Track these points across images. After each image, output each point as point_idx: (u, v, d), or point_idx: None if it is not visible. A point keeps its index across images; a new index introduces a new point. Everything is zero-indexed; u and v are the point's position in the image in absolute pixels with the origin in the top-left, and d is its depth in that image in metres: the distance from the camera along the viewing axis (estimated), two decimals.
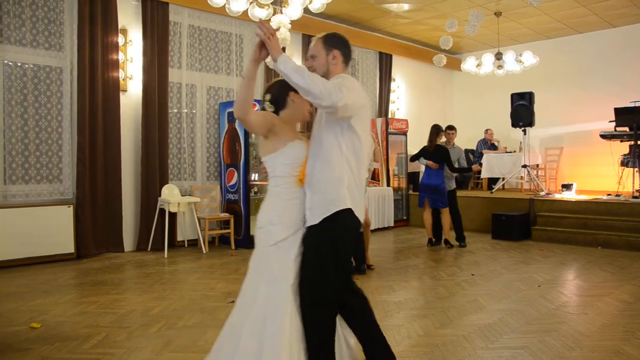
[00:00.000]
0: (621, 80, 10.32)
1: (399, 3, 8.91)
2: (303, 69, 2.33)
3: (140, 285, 5.35)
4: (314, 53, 2.69)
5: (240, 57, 8.50)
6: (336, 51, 2.68)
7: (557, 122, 11.17)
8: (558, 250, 7.33)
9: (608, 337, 3.76)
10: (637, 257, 6.77)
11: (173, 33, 7.63)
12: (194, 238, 7.58)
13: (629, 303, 4.66)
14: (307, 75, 2.30)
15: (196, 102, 7.98)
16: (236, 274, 5.85)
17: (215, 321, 4.12)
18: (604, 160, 9.58)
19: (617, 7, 9.26)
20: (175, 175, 7.74)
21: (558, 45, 11.25)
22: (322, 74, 2.60)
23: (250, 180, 7.69)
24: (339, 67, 2.68)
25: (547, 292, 5.06)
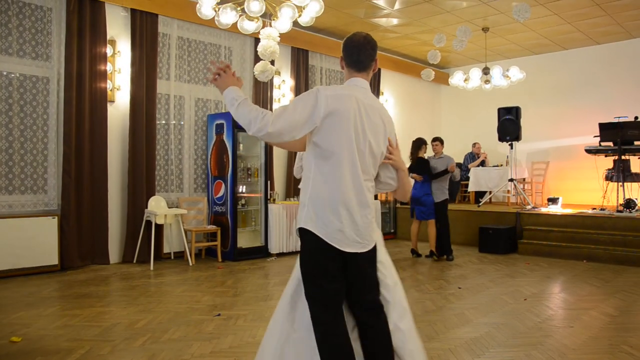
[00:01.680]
0: (605, 96, 10.47)
1: (388, 17, 8.99)
2: (237, 100, 2.34)
3: (126, 297, 5.29)
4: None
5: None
6: (342, 58, 2.63)
7: (543, 137, 11.29)
8: (544, 264, 7.37)
9: (593, 350, 3.77)
10: (622, 271, 6.82)
11: (162, 44, 7.62)
12: (181, 250, 7.52)
13: (613, 316, 4.69)
14: (236, 106, 2.33)
15: (184, 113, 7.97)
16: (222, 287, 5.81)
17: (200, 334, 4.08)
18: (589, 174, 9.69)
19: (601, 25, 9.42)
20: (162, 187, 7.70)
21: (544, 61, 11.40)
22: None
23: (238, 192, 7.67)
24: (346, 72, 2.61)
25: (534, 305, 5.07)
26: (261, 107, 8.99)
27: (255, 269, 6.93)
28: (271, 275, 6.58)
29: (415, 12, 8.66)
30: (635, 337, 4.07)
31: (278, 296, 5.36)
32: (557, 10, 8.57)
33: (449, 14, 8.76)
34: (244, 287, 5.83)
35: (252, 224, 8.05)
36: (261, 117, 2.25)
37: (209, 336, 4.05)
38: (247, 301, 5.19)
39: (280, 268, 7.02)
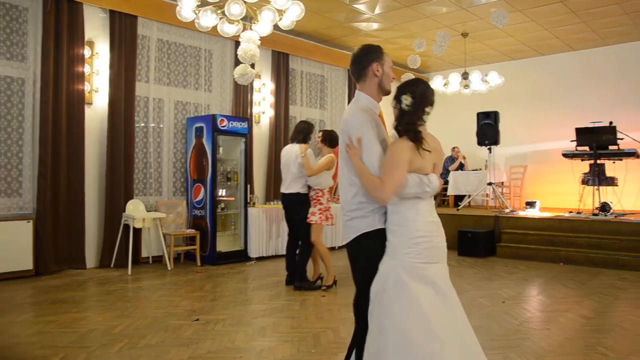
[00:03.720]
0: (582, 101, 10.64)
1: (368, 22, 9.04)
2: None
3: (102, 303, 5.21)
4: None
5: (209, 72, 8.47)
6: None
7: (522, 141, 11.43)
8: (522, 267, 7.45)
9: (569, 352, 3.82)
10: (597, 273, 6.93)
11: (141, 46, 7.55)
12: (159, 254, 7.43)
13: (589, 318, 4.75)
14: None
15: (163, 116, 7.90)
16: (201, 292, 5.76)
17: (178, 340, 4.04)
18: (566, 178, 9.83)
19: (577, 32, 9.59)
20: (140, 191, 7.62)
21: (522, 66, 11.56)
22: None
23: (217, 196, 7.62)
24: None
25: (511, 308, 5.12)
26: (240, 110, 8.92)
27: (234, 273, 6.88)
28: (250, 280, 6.54)
29: (395, 17, 8.71)
30: (609, 338, 4.14)
31: (258, 300, 5.37)
32: (535, 17, 8.70)
33: (429, 19, 8.83)
34: (222, 292, 5.79)
35: (231, 228, 8.00)
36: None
37: (187, 341, 4.01)
38: (226, 306, 5.15)
39: (260, 272, 6.99)
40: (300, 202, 5.93)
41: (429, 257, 2.50)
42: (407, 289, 2.45)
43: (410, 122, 2.54)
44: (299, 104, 10.00)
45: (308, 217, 5.82)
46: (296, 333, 4.27)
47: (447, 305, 2.49)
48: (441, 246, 2.58)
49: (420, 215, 2.52)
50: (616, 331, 4.36)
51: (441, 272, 2.55)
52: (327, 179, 5.93)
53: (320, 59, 10.30)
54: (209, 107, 8.42)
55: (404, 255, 2.49)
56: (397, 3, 8.04)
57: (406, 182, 2.48)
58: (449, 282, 2.57)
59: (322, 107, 10.56)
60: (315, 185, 5.88)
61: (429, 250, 2.49)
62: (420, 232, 2.49)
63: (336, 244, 9.09)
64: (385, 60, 2.77)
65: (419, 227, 2.50)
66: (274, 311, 4.99)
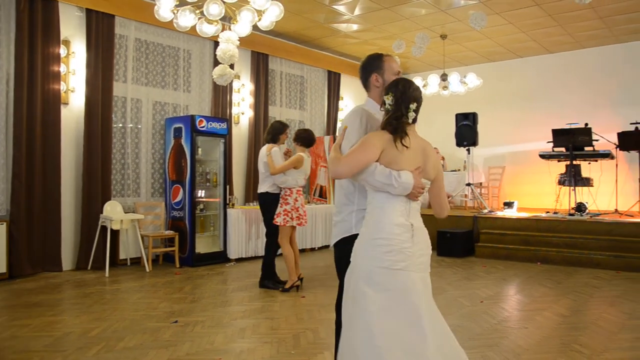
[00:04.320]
0: (558, 103, 10.80)
1: (348, 23, 9.06)
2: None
3: (79, 306, 5.13)
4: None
5: (187, 73, 8.40)
6: None
7: (500, 142, 11.55)
8: (500, 266, 7.53)
9: (546, 349, 3.87)
10: (573, 272, 7.04)
11: (119, 46, 7.46)
12: (137, 256, 7.34)
13: (565, 316, 4.83)
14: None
15: (142, 117, 7.81)
16: (180, 293, 5.71)
17: (157, 342, 3.99)
18: (543, 179, 9.98)
19: (553, 35, 9.73)
20: (118, 192, 7.52)
21: (500, 68, 11.68)
22: None
23: (196, 197, 7.57)
24: None
25: (490, 307, 5.17)
26: (220, 111, 8.88)
27: (213, 275, 6.84)
28: (230, 281, 6.50)
29: (375, 18, 8.75)
30: (585, 336, 4.21)
31: (237, 302, 5.34)
32: (512, 19, 8.81)
33: (408, 21, 8.89)
34: (202, 293, 5.74)
35: (210, 229, 7.95)
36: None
37: (166, 344, 3.97)
38: (205, 307, 5.11)
39: (239, 273, 6.95)
40: (268, 202, 5.94)
41: (391, 263, 2.33)
42: (360, 295, 2.34)
43: (393, 117, 2.49)
44: (278, 104, 9.98)
45: (274, 217, 5.82)
46: (276, 334, 4.26)
47: (410, 316, 2.30)
48: (410, 252, 2.36)
49: (387, 216, 2.38)
50: (591, 329, 4.43)
51: (409, 282, 2.34)
52: (296, 178, 5.84)
53: (300, 59, 10.29)
54: (187, 108, 8.36)
55: (363, 258, 2.39)
56: (376, 4, 8.07)
57: (374, 169, 2.39)
58: (421, 294, 2.35)
59: (302, 108, 10.55)
60: (281, 184, 5.86)
61: (390, 255, 2.33)
62: (383, 234, 2.35)
63: (315, 245, 9.09)
64: (385, 69, 2.82)
65: (381, 227, 2.36)
66: (254, 312, 4.96)
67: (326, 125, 10.96)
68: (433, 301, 2.47)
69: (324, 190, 9.91)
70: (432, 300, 2.45)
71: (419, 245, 2.42)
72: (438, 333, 2.35)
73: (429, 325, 2.30)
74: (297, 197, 5.87)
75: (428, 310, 2.35)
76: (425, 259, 2.45)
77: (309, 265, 7.56)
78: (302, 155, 5.86)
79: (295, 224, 5.82)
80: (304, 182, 5.95)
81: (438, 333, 2.35)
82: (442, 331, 2.39)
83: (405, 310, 2.30)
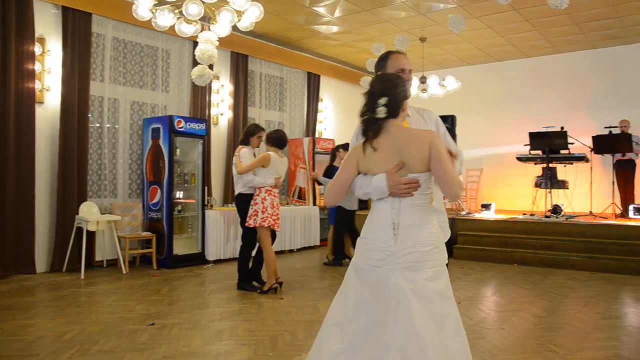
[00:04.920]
0: (535, 106, 10.96)
1: (328, 25, 9.07)
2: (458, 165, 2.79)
3: (53, 309, 5.04)
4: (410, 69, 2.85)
5: (166, 73, 8.32)
6: None
7: (478, 145, 11.66)
8: (478, 268, 7.60)
9: (521, 350, 3.91)
10: (549, 273, 7.13)
11: (96, 45, 7.35)
12: (114, 258, 7.24)
13: (541, 317, 4.89)
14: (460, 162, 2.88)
15: (119, 117, 7.71)
16: (157, 295, 5.65)
17: (132, 345, 3.94)
18: (520, 181, 10.10)
19: (531, 40, 9.87)
20: (94, 193, 7.41)
21: (478, 71, 11.81)
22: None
23: (174, 198, 7.49)
24: None
25: (467, 308, 5.21)
26: (198, 112, 8.80)
27: (191, 277, 6.78)
28: (208, 283, 6.45)
29: (354, 20, 8.77)
30: (559, 336, 4.26)
31: (214, 304, 5.30)
32: (491, 23, 8.92)
33: (388, 24, 8.93)
34: (179, 295, 5.68)
35: (188, 231, 7.88)
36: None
37: (142, 346, 3.92)
38: (183, 309, 5.06)
39: (217, 275, 6.90)
40: (242, 203, 5.93)
41: (368, 260, 2.36)
42: (348, 283, 2.43)
43: (360, 117, 2.43)
44: (257, 105, 9.94)
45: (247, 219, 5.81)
46: (253, 336, 4.23)
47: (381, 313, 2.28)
48: (390, 251, 2.30)
49: (375, 216, 2.40)
50: (566, 329, 4.50)
51: (389, 279, 2.29)
52: (264, 177, 5.73)
53: (280, 61, 10.27)
54: (166, 108, 8.28)
55: (355, 255, 2.46)
56: (356, 7, 8.10)
57: (354, 184, 2.42)
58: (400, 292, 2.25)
59: (281, 109, 10.53)
60: (248, 183, 5.82)
61: (368, 252, 2.36)
62: (368, 234, 2.40)
63: (294, 246, 9.08)
64: (388, 67, 2.80)
65: (368, 228, 2.42)
66: (231, 314, 4.93)
67: (305, 127, 10.96)
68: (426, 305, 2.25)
69: (302, 191, 9.90)
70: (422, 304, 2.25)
71: (406, 244, 2.30)
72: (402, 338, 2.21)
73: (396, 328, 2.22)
74: (265, 196, 5.72)
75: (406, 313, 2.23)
76: (414, 257, 2.28)
77: (287, 267, 7.54)
78: (270, 154, 5.79)
79: (266, 225, 5.68)
80: (273, 182, 5.77)
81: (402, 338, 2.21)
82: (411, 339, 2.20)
83: (379, 307, 2.29)
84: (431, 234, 2.34)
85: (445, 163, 2.28)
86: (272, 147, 5.90)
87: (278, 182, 5.87)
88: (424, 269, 2.29)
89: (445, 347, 2.21)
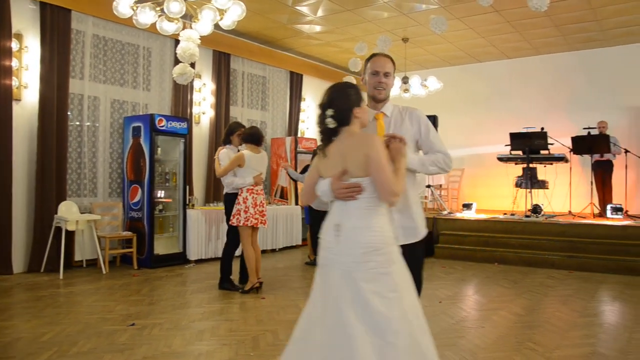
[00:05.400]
0: (516, 107, 11.08)
1: (311, 24, 9.06)
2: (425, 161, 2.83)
3: (30, 310, 4.95)
4: (390, 72, 2.88)
5: (147, 71, 8.24)
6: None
7: (459, 145, 11.73)
8: (459, 267, 7.66)
9: (501, 348, 3.95)
10: (529, 272, 7.22)
11: (75, 42, 7.25)
12: (94, 258, 7.14)
13: (520, 315, 4.94)
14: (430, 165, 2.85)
15: (99, 115, 7.61)
16: (138, 295, 5.59)
17: (112, 346, 3.89)
18: (500, 181, 10.21)
19: (511, 41, 9.97)
20: (74, 192, 7.31)
21: (460, 72, 11.90)
22: (387, 94, 2.89)
23: (155, 197, 7.43)
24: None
25: (448, 307, 5.25)
26: (180, 110, 8.71)
27: (172, 276, 6.72)
28: (189, 283, 6.41)
29: (337, 20, 8.78)
30: (538, 334, 4.32)
31: (196, 304, 5.27)
32: (472, 24, 8.99)
33: (371, 24, 8.95)
34: (160, 295, 5.64)
35: (170, 230, 7.81)
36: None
37: (122, 347, 3.88)
38: (164, 309, 5.02)
39: (199, 275, 6.85)
40: (227, 202, 5.93)
41: (319, 257, 2.51)
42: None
43: (318, 126, 2.58)
44: (240, 104, 9.89)
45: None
46: (235, 336, 4.21)
47: (318, 310, 2.41)
48: (332, 250, 2.40)
49: (326, 218, 2.53)
50: (545, 327, 4.55)
51: (329, 277, 2.39)
52: (243, 177, 5.71)
53: (263, 60, 10.23)
54: (147, 107, 8.20)
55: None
56: (339, 6, 8.10)
57: (316, 187, 2.56)
58: (336, 290, 2.34)
59: (264, 109, 10.50)
60: (228, 185, 5.84)
61: (320, 251, 2.50)
62: (321, 234, 2.53)
63: (276, 246, 9.06)
64: (366, 69, 2.93)
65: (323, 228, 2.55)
66: (213, 314, 4.90)
67: (288, 126, 10.94)
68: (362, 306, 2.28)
69: (285, 191, 9.88)
70: (358, 304, 2.28)
71: (346, 245, 2.36)
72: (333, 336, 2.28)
73: (331, 325, 2.30)
74: (247, 196, 5.70)
75: (339, 312, 2.29)
76: (353, 258, 2.33)
77: (270, 266, 7.52)
78: (243, 152, 5.76)
79: (249, 224, 5.66)
80: (252, 181, 5.72)
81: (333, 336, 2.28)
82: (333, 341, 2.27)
83: (323, 304, 2.40)
84: (373, 236, 2.37)
85: (380, 169, 2.34)
86: (248, 144, 5.88)
87: (258, 179, 5.78)
88: (362, 271, 2.33)
89: (379, 349, 2.24)
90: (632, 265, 7.06)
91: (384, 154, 2.38)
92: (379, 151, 2.37)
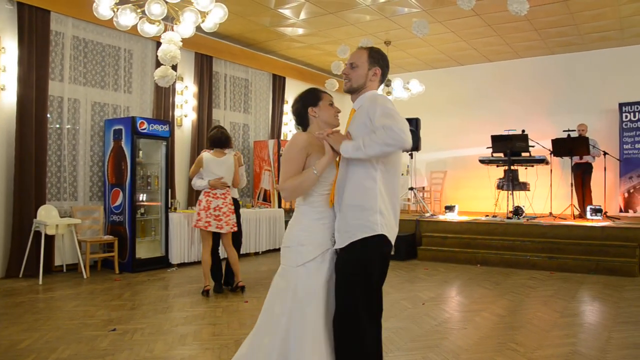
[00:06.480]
0: (497, 110, 11.20)
1: (293, 27, 9.06)
2: (360, 144, 2.36)
3: (8, 316, 4.86)
4: (357, 63, 2.64)
5: (128, 73, 8.16)
6: (378, 69, 2.65)
7: (442, 147, 11.85)
8: (442, 269, 7.70)
9: (483, 349, 3.98)
10: (511, 273, 7.28)
11: (55, 43, 7.16)
12: (74, 262, 7.06)
13: (502, 316, 4.98)
14: (368, 145, 2.34)
15: (79, 117, 7.52)
16: (119, 300, 5.52)
17: (93, 351, 3.84)
18: (482, 183, 10.29)
19: (493, 45, 10.08)
20: (54, 195, 7.21)
21: (442, 75, 11.99)
22: (357, 86, 2.64)
23: (137, 200, 7.35)
24: (375, 84, 2.68)
25: (431, 309, 5.27)
26: (162, 113, 8.61)
27: (154, 280, 6.66)
28: (171, 287, 6.35)
29: (320, 23, 8.79)
30: (520, 335, 4.35)
31: (178, 308, 5.22)
32: (454, 28, 9.06)
33: (353, 27, 8.98)
34: (142, 300, 5.58)
35: (151, 234, 7.74)
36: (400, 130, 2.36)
37: (103, 353, 3.83)
38: (145, 314, 4.97)
39: (181, 279, 6.80)
40: None
41: None
42: None
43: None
44: (222, 107, 9.85)
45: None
46: (218, 340, 4.18)
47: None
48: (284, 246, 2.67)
49: None
50: (526, 327, 4.59)
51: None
52: (203, 180, 5.69)
53: (245, 62, 10.21)
54: (128, 109, 8.12)
55: None
56: (321, 9, 8.12)
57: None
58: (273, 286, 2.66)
59: (246, 111, 10.46)
60: (197, 189, 5.85)
61: None
62: None
63: (259, 249, 9.03)
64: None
65: None
66: (195, 318, 4.86)
67: (270, 129, 10.91)
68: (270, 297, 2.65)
69: (267, 194, 9.85)
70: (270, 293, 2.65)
71: (287, 239, 2.65)
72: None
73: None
74: (202, 198, 5.66)
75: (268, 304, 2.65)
76: (282, 252, 2.65)
77: (252, 269, 7.49)
78: (202, 155, 5.76)
79: (200, 227, 5.61)
80: (207, 184, 5.63)
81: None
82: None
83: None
84: (292, 233, 2.59)
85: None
86: (211, 147, 5.85)
87: (216, 183, 5.63)
88: (281, 264, 2.63)
89: (253, 342, 2.65)
90: (611, 265, 7.16)
91: (287, 152, 2.56)
92: (286, 148, 2.59)
